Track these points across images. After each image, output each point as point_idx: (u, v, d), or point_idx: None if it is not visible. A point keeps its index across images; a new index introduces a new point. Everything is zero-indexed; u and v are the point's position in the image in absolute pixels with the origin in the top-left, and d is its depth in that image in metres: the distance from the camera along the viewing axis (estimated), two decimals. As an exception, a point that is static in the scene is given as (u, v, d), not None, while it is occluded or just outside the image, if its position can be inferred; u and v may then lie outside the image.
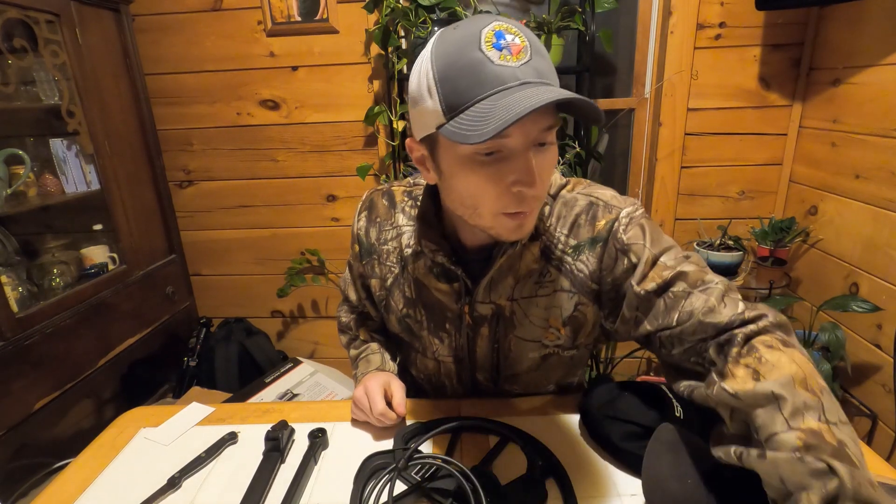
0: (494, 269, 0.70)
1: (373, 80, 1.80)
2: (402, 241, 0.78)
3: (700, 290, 0.59)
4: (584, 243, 0.69)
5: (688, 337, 0.59)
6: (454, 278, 0.73)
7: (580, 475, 0.65)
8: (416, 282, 0.77)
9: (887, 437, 1.39)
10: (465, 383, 0.84)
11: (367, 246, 0.81)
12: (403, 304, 0.79)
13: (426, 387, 0.90)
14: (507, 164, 0.56)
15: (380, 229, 0.80)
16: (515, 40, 0.52)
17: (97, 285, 1.54)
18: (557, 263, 0.71)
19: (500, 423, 0.74)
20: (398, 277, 0.79)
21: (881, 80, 1.37)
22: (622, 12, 1.80)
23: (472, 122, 0.52)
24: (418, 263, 0.76)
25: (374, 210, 0.82)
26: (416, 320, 0.80)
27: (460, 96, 0.53)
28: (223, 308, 2.11)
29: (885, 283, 1.38)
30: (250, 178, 1.95)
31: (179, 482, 0.68)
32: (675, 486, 0.56)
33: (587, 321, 0.74)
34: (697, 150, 1.79)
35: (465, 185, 0.59)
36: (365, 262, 0.82)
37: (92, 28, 1.53)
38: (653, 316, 0.62)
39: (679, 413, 0.68)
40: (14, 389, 1.26)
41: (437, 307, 0.77)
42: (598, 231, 0.68)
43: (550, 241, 0.71)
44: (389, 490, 0.61)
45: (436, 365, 0.83)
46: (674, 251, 0.65)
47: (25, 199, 1.49)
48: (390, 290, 0.80)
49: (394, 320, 0.83)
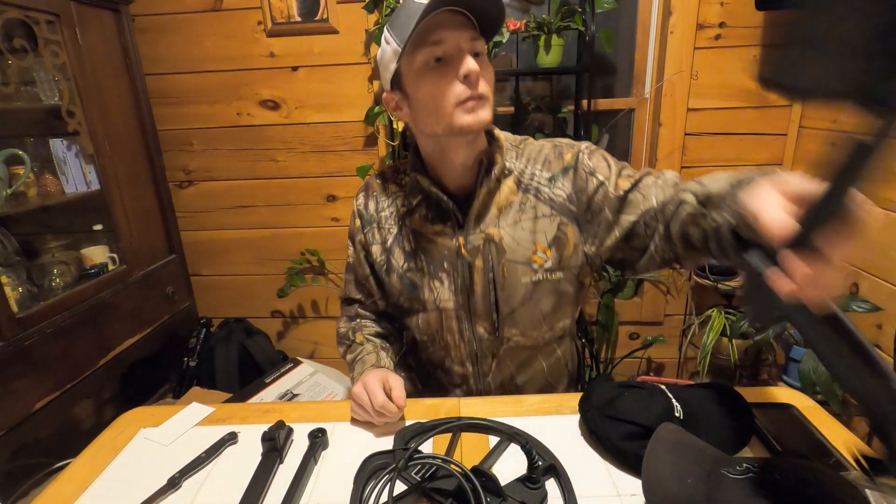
0: (478, 200, 0.82)
1: (373, 80, 1.80)
2: (398, 203, 0.90)
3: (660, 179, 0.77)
4: (557, 174, 0.83)
5: (669, 207, 0.73)
6: (447, 217, 0.84)
7: (580, 475, 0.65)
8: (413, 233, 0.87)
9: (887, 437, 1.39)
10: (468, 340, 0.88)
11: (367, 217, 0.92)
12: (404, 259, 0.88)
13: (430, 360, 0.94)
14: (451, 64, 0.71)
15: (377, 201, 0.92)
16: None
17: (97, 285, 1.54)
18: (535, 193, 0.83)
19: (500, 423, 0.74)
20: (397, 236, 0.89)
21: (881, 80, 1.37)
22: (622, 12, 1.80)
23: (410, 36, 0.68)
24: (414, 217, 0.87)
25: (370, 189, 0.94)
26: (417, 269, 0.87)
27: (403, 29, 0.69)
28: (223, 308, 2.11)
29: (885, 283, 1.38)
30: (250, 178, 1.95)
31: (179, 482, 0.68)
32: (675, 486, 0.56)
33: (569, 241, 0.84)
34: (697, 150, 1.79)
35: (426, 90, 0.74)
36: (366, 230, 0.92)
37: (92, 28, 1.53)
38: (633, 207, 0.77)
39: (679, 413, 0.68)
40: (14, 389, 1.26)
41: (435, 249, 0.85)
42: (566, 162, 0.83)
43: (523, 176, 0.84)
44: (389, 490, 0.61)
45: (437, 318, 0.87)
46: (629, 166, 0.82)
47: (25, 200, 1.49)
48: (390, 249, 0.90)
49: (395, 280, 0.89)
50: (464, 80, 0.71)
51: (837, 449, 0.68)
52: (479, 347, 0.88)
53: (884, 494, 0.46)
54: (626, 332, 2.03)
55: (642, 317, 1.99)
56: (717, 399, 0.72)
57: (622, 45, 1.83)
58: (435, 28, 0.69)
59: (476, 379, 0.91)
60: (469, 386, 0.93)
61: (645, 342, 1.90)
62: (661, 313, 1.98)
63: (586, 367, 1.87)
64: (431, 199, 0.85)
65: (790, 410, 0.78)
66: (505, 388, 0.91)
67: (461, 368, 0.91)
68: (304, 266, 2.02)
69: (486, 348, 0.87)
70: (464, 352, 0.89)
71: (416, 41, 0.70)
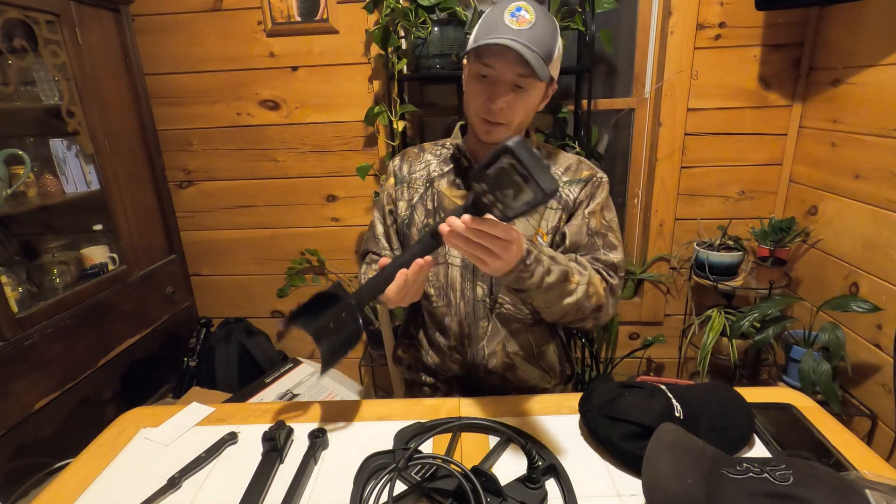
0: None
1: (373, 80, 1.80)
2: (430, 168, 1.03)
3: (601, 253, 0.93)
4: (575, 181, 0.98)
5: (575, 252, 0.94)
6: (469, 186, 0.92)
7: (580, 475, 0.65)
8: (438, 195, 1.00)
9: (887, 437, 1.39)
10: (468, 300, 0.98)
11: (400, 177, 1.05)
12: (425, 215, 1.01)
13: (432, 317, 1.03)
14: (488, 86, 0.86)
15: (410, 165, 1.05)
16: (526, 14, 0.82)
17: (97, 285, 1.54)
18: None
19: (500, 423, 0.74)
20: (423, 196, 1.02)
21: (881, 81, 1.37)
22: (622, 12, 1.80)
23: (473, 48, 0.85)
24: (442, 181, 1.01)
25: (406, 154, 1.08)
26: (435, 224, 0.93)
27: (478, 37, 0.85)
28: (223, 308, 2.11)
29: (885, 283, 1.38)
30: (250, 178, 1.95)
31: (179, 482, 0.68)
32: (675, 486, 0.56)
33: (558, 233, 0.98)
34: (697, 150, 1.79)
35: (468, 91, 0.90)
36: (398, 188, 1.05)
37: (92, 28, 1.53)
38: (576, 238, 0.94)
39: (679, 413, 0.68)
40: (14, 389, 1.26)
41: (453, 210, 0.91)
42: (585, 175, 0.98)
43: None
44: (389, 490, 0.61)
45: (445, 272, 0.99)
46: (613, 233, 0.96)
47: (25, 200, 1.48)
48: (415, 206, 1.02)
49: (415, 233, 1.02)
50: (487, 100, 0.86)
51: (837, 449, 0.68)
52: (475, 310, 0.98)
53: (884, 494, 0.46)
54: (626, 332, 2.03)
55: (642, 317, 1.99)
56: (717, 399, 0.73)
57: (622, 45, 1.83)
58: (491, 53, 0.83)
59: (470, 341, 1.00)
60: (463, 349, 1.00)
61: (645, 342, 1.90)
62: (661, 313, 1.98)
63: (586, 367, 1.87)
64: (461, 168, 0.99)
65: (790, 410, 0.78)
66: (497, 358, 0.99)
67: (458, 328, 1.00)
68: (304, 266, 2.02)
69: (482, 311, 0.98)
70: (462, 311, 0.99)
71: (477, 53, 0.84)
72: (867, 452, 0.68)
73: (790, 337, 1.58)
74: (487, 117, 0.87)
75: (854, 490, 0.51)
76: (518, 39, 0.80)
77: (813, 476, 0.52)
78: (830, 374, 1.39)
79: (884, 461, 0.67)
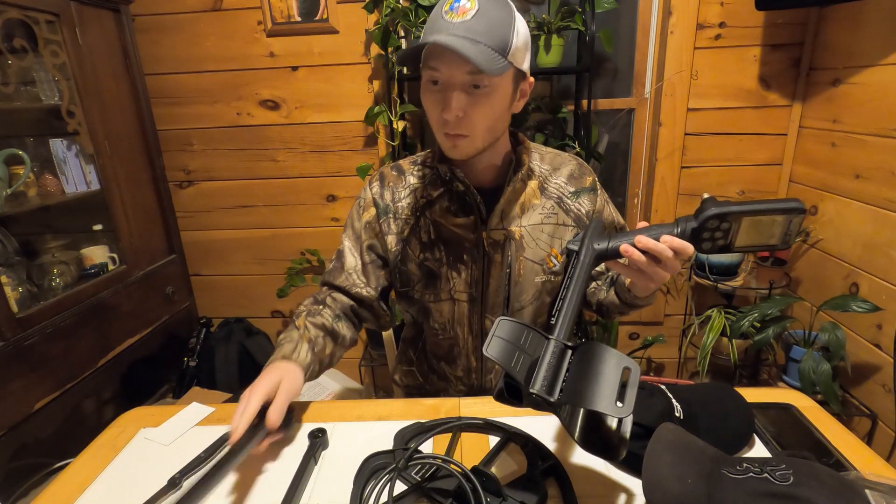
0: (505, 197, 0.85)
1: (373, 80, 1.80)
2: (417, 195, 0.90)
3: None
4: (582, 191, 0.91)
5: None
6: (470, 211, 0.86)
7: (580, 475, 0.65)
8: (434, 224, 0.88)
9: (887, 437, 1.39)
10: (476, 333, 0.91)
11: (382, 207, 0.91)
12: (420, 249, 0.89)
13: (436, 351, 0.95)
14: (440, 93, 0.75)
15: (393, 191, 0.92)
16: (465, 4, 0.70)
17: (97, 285, 1.54)
18: (558, 201, 0.89)
19: (500, 423, 0.74)
20: (414, 227, 0.89)
21: (881, 81, 1.37)
22: (622, 12, 1.80)
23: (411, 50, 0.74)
24: (434, 209, 0.88)
25: (385, 178, 0.93)
26: (435, 259, 0.89)
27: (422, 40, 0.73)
28: (223, 308, 2.11)
29: (885, 283, 1.38)
30: (250, 178, 1.95)
31: (179, 482, 0.68)
32: (675, 486, 0.56)
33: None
34: (697, 150, 1.79)
35: (425, 104, 0.79)
36: (382, 220, 0.91)
37: (92, 28, 1.53)
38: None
39: (679, 413, 0.68)
40: (14, 389, 1.26)
41: (455, 241, 0.87)
42: (589, 183, 0.92)
43: (547, 182, 0.90)
44: (389, 490, 0.60)
45: (450, 308, 0.90)
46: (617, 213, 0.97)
47: (25, 200, 1.48)
48: (407, 240, 0.90)
49: (413, 268, 0.90)
50: (442, 112, 0.75)
51: (837, 449, 0.68)
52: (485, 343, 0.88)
53: (883, 494, 0.46)
54: (626, 332, 2.03)
55: (642, 317, 1.99)
56: (717, 399, 0.72)
57: (622, 45, 1.83)
58: (433, 55, 0.72)
59: (478, 374, 0.94)
60: (470, 381, 0.94)
61: (645, 342, 1.90)
62: (661, 313, 1.98)
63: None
64: (454, 192, 0.87)
65: (790, 410, 0.78)
66: None
67: (466, 361, 0.93)
68: (304, 266, 2.02)
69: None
70: (471, 345, 0.92)
71: (424, 58, 0.74)
72: (867, 452, 0.68)
73: (790, 337, 1.58)
74: (446, 130, 0.76)
75: (854, 490, 0.51)
76: (456, 33, 0.68)
77: (813, 476, 0.52)
78: (830, 374, 1.39)
79: (884, 461, 0.67)
